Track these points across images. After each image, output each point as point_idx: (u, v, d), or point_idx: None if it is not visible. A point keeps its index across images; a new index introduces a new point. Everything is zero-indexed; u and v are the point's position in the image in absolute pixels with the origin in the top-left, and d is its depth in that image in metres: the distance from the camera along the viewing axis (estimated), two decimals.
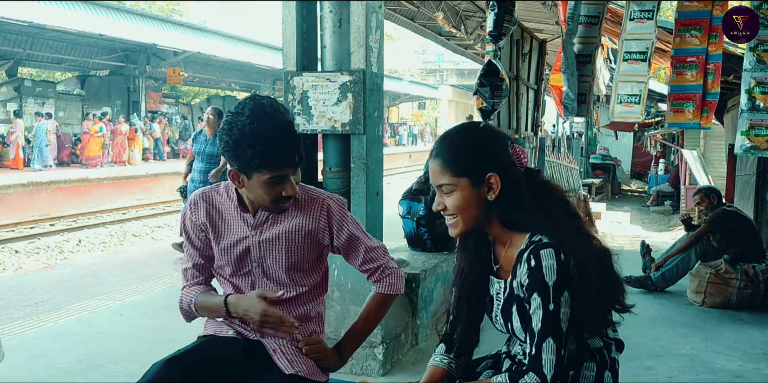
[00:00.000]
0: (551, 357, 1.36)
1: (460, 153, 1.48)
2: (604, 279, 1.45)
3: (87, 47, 19.88)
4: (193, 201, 1.83)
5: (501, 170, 1.45)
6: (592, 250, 1.45)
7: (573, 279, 1.37)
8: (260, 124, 1.59)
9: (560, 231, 1.41)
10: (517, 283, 1.44)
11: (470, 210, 1.48)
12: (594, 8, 6.54)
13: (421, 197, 4.21)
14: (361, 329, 1.87)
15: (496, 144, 1.49)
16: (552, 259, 1.37)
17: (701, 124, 5.26)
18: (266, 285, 1.81)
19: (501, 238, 1.53)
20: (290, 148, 1.64)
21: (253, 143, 1.59)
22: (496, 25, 4.92)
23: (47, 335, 3.82)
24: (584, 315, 1.42)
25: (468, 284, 1.58)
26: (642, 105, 5.43)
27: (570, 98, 6.39)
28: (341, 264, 1.95)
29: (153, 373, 1.64)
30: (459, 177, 1.47)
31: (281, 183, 1.67)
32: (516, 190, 1.46)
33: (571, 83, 6.37)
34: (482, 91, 5.11)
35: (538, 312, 1.37)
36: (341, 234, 1.81)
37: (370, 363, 3.08)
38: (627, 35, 5.43)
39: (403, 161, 30.61)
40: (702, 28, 5.13)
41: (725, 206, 5.24)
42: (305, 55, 3.32)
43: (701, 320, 4.37)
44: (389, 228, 3.55)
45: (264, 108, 1.62)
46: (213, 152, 6.29)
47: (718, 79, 5.18)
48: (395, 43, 42.55)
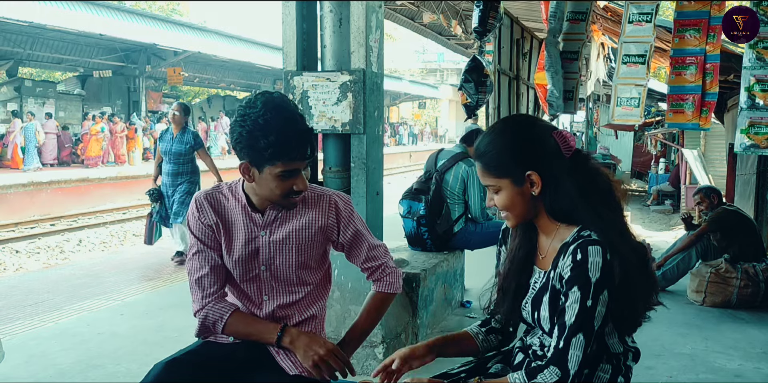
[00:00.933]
0: (578, 353, 1.36)
1: (498, 155, 1.50)
2: (642, 277, 1.45)
3: (87, 47, 19.89)
4: (198, 203, 1.79)
5: (541, 166, 1.47)
6: (634, 247, 1.45)
7: (615, 280, 1.37)
8: (273, 114, 1.60)
9: (608, 228, 1.42)
10: (555, 274, 1.45)
11: (517, 207, 1.51)
12: (581, 5, 6.56)
13: (422, 196, 4.21)
14: (361, 328, 1.87)
15: (536, 138, 1.49)
16: (599, 256, 1.37)
17: (701, 124, 5.27)
18: (273, 289, 1.80)
19: (547, 228, 1.54)
20: (303, 139, 1.64)
21: (266, 132, 1.59)
22: (481, 21, 4.96)
23: (47, 335, 3.82)
24: (623, 313, 1.43)
25: (517, 264, 1.59)
26: (641, 108, 5.43)
27: (555, 95, 6.43)
28: (341, 264, 1.95)
29: (155, 374, 1.63)
30: (500, 178, 1.50)
31: (293, 177, 1.66)
32: (559, 182, 1.47)
33: (556, 81, 6.40)
34: (467, 87, 5.15)
35: (574, 306, 1.37)
36: (347, 230, 1.82)
37: (371, 363, 3.08)
38: (626, 38, 5.44)
39: (404, 160, 30.61)
40: (700, 28, 5.13)
41: (726, 206, 5.24)
42: (305, 54, 3.32)
43: (701, 319, 4.37)
44: (389, 228, 3.55)
45: (275, 101, 1.63)
46: (181, 151, 5.91)
47: (716, 79, 5.18)
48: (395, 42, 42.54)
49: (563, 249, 1.45)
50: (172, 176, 5.96)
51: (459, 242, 4.26)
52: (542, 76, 6.95)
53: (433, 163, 4.43)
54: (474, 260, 4.64)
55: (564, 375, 1.36)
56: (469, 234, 4.24)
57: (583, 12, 6.55)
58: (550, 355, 1.40)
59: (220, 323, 1.73)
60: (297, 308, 1.81)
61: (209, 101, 29.10)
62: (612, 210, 1.48)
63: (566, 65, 6.55)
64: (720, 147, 10.78)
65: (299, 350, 1.68)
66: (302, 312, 1.82)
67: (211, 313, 1.74)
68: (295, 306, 1.81)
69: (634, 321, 1.49)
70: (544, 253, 1.55)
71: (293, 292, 1.81)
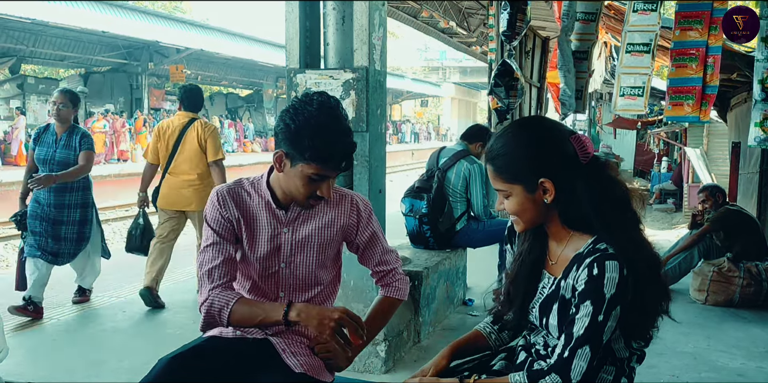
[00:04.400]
0: (583, 364, 1.35)
1: (511, 160, 1.46)
2: (654, 288, 1.43)
3: (90, 44, 19.88)
4: (221, 196, 1.77)
5: (556, 173, 1.42)
6: (648, 259, 1.42)
7: (629, 296, 1.35)
8: (327, 120, 1.61)
9: (624, 242, 1.39)
10: (567, 284, 1.42)
11: (527, 213, 1.47)
12: (591, 5, 6.53)
13: (424, 194, 4.21)
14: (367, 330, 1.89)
15: (552, 143, 1.44)
16: (615, 272, 1.34)
17: (700, 117, 5.22)
18: (290, 286, 1.80)
19: (559, 235, 1.51)
20: (345, 153, 1.65)
21: (314, 135, 1.59)
22: (509, 24, 4.90)
23: (50, 331, 3.83)
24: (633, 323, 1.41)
25: (526, 269, 1.56)
26: (645, 97, 5.36)
27: (567, 94, 6.38)
28: (344, 262, 1.96)
29: (160, 369, 1.63)
30: (512, 184, 1.46)
31: (321, 182, 1.67)
32: (575, 190, 1.42)
33: (568, 80, 6.36)
34: (497, 92, 5.10)
35: (585, 320, 1.35)
36: (365, 232, 1.84)
37: (373, 361, 3.09)
38: (630, 27, 5.38)
39: (406, 158, 30.58)
40: (702, 20, 5.08)
41: (728, 205, 5.24)
42: (308, 52, 3.32)
43: (704, 318, 4.36)
44: (391, 226, 3.54)
45: (332, 108, 1.64)
46: (68, 159, 4.16)
47: (717, 72, 5.12)
48: (398, 40, 42.48)
49: (577, 260, 1.42)
50: (56, 195, 4.15)
51: (461, 240, 4.26)
52: (555, 74, 6.88)
53: (434, 161, 4.43)
54: (476, 259, 4.64)
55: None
56: (472, 232, 4.24)
57: (593, 12, 6.50)
58: (554, 362, 1.39)
59: (226, 309, 1.68)
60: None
61: (211, 99, 29.09)
62: (628, 220, 1.44)
63: (577, 65, 6.49)
64: (723, 146, 10.73)
65: (312, 321, 1.60)
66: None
67: (216, 300, 1.69)
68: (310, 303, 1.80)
69: (644, 330, 1.48)
70: (555, 260, 1.52)
71: (307, 290, 1.82)
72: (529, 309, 1.55)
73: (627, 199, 1.46)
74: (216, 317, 1.70)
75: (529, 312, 1.55)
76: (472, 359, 1.71)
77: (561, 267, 1.48)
